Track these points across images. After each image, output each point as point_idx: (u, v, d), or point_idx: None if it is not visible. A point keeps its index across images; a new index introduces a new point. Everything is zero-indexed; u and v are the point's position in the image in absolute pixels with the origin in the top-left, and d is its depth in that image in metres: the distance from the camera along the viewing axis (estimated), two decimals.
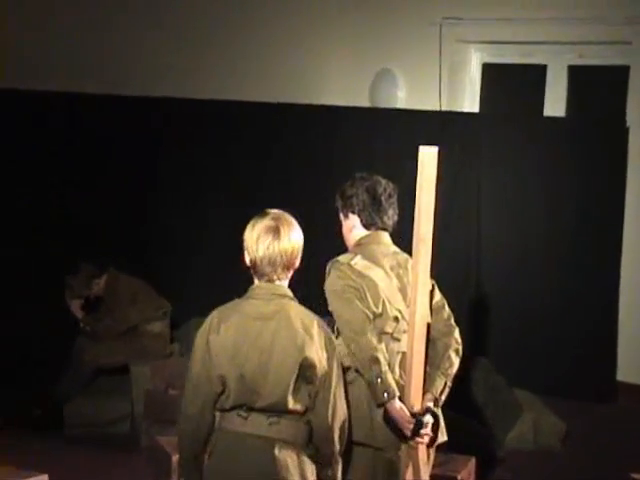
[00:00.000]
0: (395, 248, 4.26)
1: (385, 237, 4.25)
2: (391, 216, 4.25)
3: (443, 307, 4.25)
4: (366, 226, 4.26)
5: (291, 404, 3.58)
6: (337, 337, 4.11)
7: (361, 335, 3.99)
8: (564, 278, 8.10)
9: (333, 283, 4.11)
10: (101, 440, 6.73)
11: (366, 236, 4.25)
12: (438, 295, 4.27)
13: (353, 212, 4.26)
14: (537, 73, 8.96)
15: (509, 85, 9.33)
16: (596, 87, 8.85)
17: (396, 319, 4.10)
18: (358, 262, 4.13)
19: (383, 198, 4.22)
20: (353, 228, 4.28)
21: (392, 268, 4.18)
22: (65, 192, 8.60)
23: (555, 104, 8.87)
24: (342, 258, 4.18)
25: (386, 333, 4.10)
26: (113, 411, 6.92)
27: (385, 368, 3.99)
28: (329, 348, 3.65)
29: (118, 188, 8.73)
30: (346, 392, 4.06)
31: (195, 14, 9.17)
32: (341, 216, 4.33)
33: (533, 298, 8.14)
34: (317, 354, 3.61)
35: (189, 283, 8.29)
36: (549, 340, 8.10)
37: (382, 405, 4.00)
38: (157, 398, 6.58)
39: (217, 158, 8.72)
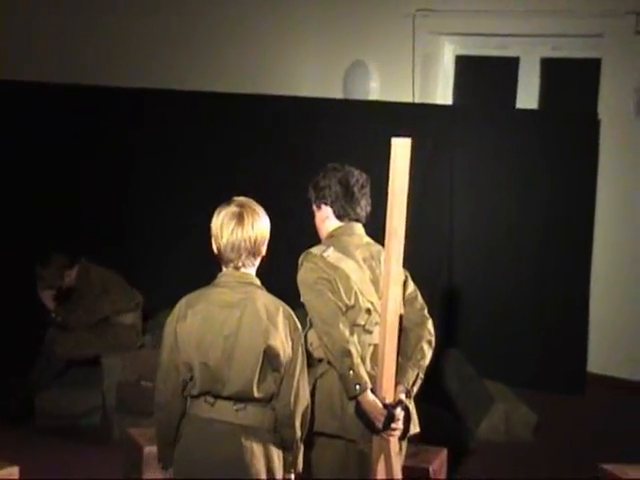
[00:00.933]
0: (368, 239, 4.26)
1: (358, 228, 4.25)
2: (364, 207, 4.24)
3: (416, 298, 4.25)
4: (339, 217, 4.25)
5: (256, 392, 3.61)
6: (309, 328, 4.11)
7: (333, 328, 3.99)
8: (535, 270, 8.13)
9: (305, 275, 4.11)
10: (73, 432, 6.70)
11: (339, 227, 4.24)
12: (411, 286, 4.27)
13: (326, 203, 4.26)
14: (510, 65, 8.98)
15: (482, 77, 9.35)
16: (568, 80, 8.89)
17: (368, 311, 4.10)
18: (330, 254, 4.13)
19: (356, 189, 4.21)
20: (326, 219, 4.28)
21: (365, 260, 4.18)
22: (37, 183, 8.55)
23: (528, 96, 8.90)
24: (314, 250, 4.17)
25: (358, 325, 4.10)
26: (85, 403, 6.89)
27: (357, 361, 3.99)
28: (294, 336, 3.69)
29: (91, 179, 8.69)
30: (316, 383, 4.09)
31: (171, 6, 9.13)
32: (314, 207, 4.33)
33: (504, 290, 8.18)
34: (281, 342, 3.64)
35: (161, 274, 8.27)
36: (520, 332, 8.14)
37: (354, 398, 4.00)
38: (129, 390, 6.56)
39: (191, 150, 8.70)
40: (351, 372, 3.97)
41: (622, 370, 8.04)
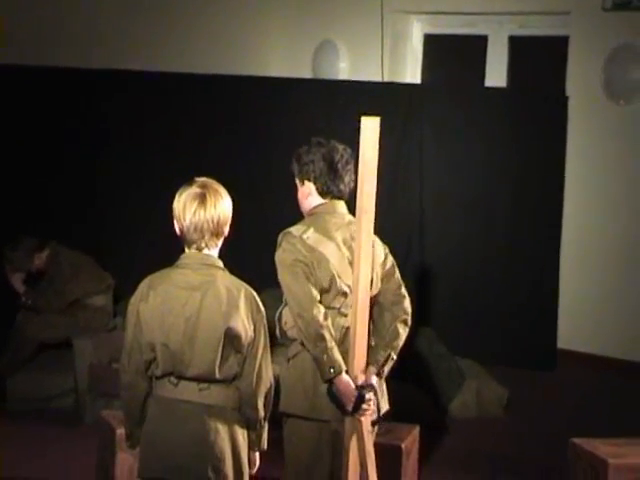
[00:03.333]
0: (351, 217, 4.18)
1: (340, 206, 4.18)
2: (347, 183, 4.18)
3: (393, 275, 4.21)
4: (322, 194, 4.18)
5: (218, 373, 3.63)
6: (285, 306, 4.10)
7: (307, 311, 3.97)
8: (505, 247, 8.18)
9: (283, 255, 4.07)
10: (45, 415, 6.68)
11: (321, 205, 4.18)
12: (390, 262, 4.23)
13: (309, 179, 4.18)
14: (478, 44, 9.00)
15: (450, 56, 9.36)
16: (536, 57, 8.92)
17: (345, 294, 4.08)
18: (310, 236, 4.08)
19: (340, 165, 4.14)
20: (309, 196, 4.20)
21: (345, 241, 4.12)
22: (4, 165, 8.49)
23: (496, 74, 8.92)
24: (294, 230, 4.12)
25: (333, 308, 4.08)
26: (56, 386, 6.88)
27: (331, 344, 3.98)
28: (256, 318, 3.69)
29: (60, 161, 8.63)
30: (289, 363, 4.10)
31: None
32: (296, 181, 4.25)
33: (474, 267, 8.22)
34: (243, 324, 3.65)
35: (132, 256, 8.24)
36: (491, 309, 8.19)
37: (329, 380, 4.00)
38: (100, 372, 6.55)
39: (160, 131, 8.66)
40: (325, 356, 3.96)
41: (591, 346, 8.11)
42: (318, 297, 4.03)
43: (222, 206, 3.69)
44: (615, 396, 7.50)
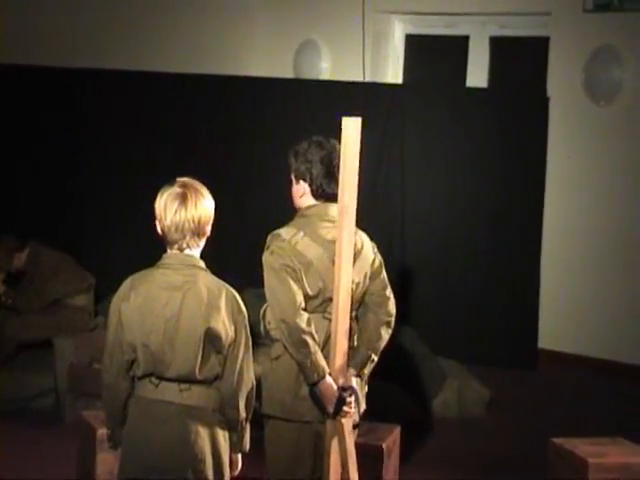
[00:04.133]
0: None
1: (332, 210, 4.11)
2: None
3: (379, 275, 4.20)
4: (316, 196, 4.16)
5: (199, 374, 3.63)
6: (268, 305, 4.09)
7: (290, 318, 3.95)
8: (486, 247, 8.20)
9: (271, 258, 4.03)
10: (25, 415, 6.65)
11: (314, 207, 4.14)
12: (377, 261, 4.22)
13: (304, 180, 4.14)
14: (459, 44, 9.02)
15: (432, 56, 9.38)
16: (517, 58, 8.95)
17: (331, 299, 4.06)
18: (299, 241, 4.04)
19: (337, 169, 4.05)
20: (303, 195, 4.17)
21: (333, 244, 4.10)
22: None
23: (477, 74, 8.94)
24: (284, 233, 4.08)
25: (318, 312, 4.07)
26: (37, 386, 6.84)
27: (314, 349, 3.96)
28: (237, 319, 3.68)
29: (41, 160, 8.61)
30: (272, 364, 4.09)
31: None
32: (292, 177, 4.20)
33: (456, 267, 8.24)
34: (223, 325, 3.64)
35: (113, 256, 8.22)
36: (472, 309, 8.21)
37: (314, 384, 3.99)
38: (81, 372, 6.53)
39: (142, 131, 8.64)
40: (308, 361, 3.96)
41: (572, 345, 8.14)
42: (302, 304, 4.01)
43: (203, 206, 3.69)
44: (596, 396, 7.53)
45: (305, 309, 4.02)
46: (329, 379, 3.99)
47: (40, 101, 8.54)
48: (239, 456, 3.82)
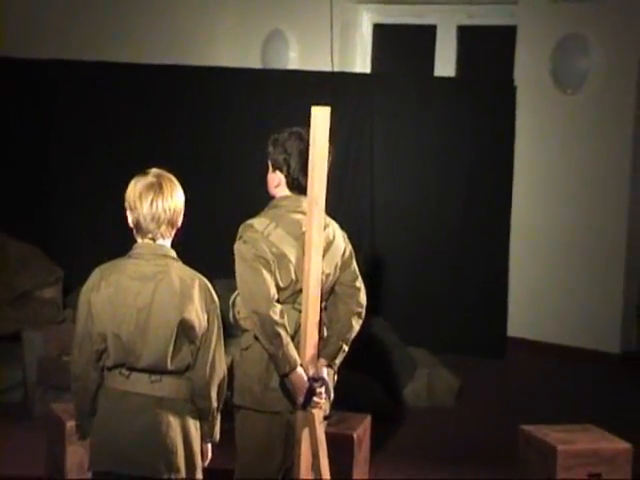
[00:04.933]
0: None
1: (305, 202, 4.07)
2: None
3: (350, 266, 4.19)
4: (290, 188, 4.15)
5: (170, 364, 3.62)
6: (238, 295, 4.07)
7: (264, 309, 3.94)
8: (455, 236, 8.23)
9: (244, 248, 4.01)
10: None
11: (287, 198, 4.12)
12: (348, 251, 4.21)
13: (281, 171, 4.12)
14: (427, 33, 9.04)
15: (400, 45, 9.39)
16: (485, 47, 8.98)
17: (301, 291, 4.06)
18: (272, 232, 4.02)
19: None
20: (278, 185, 4.15)
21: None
22: None
23: (445, 64, 8.96)
24: (257, 224, 4.06)
25: (288, 303, 4.06)
26: (5, 379, 6.80)
27: (287, 340, 3.96)
28: (210, 308, 3.68)
29: (7, 152, 8.54)
30: (242, 355, 4.09)
31: None
32: (269, 164, 4.17)
33: (425, 256, 8.27)
34: (197, 315, 3.64)
35: (81, 248, 8.18)
36: (441, 298, 8.24)
37: (285, 375, 3.99)
38: (50, 365, 6.49)
39: (110, 122, 8.60)
40: (281, 352, 3.95)
41: (541, 333, 8.19)
42: (276, 296, 4.00)
43: (177, 196, 3.69)
44: (564, 383, 7.58)
45: (278, 300, 4.02)
46: (300, 370, 3.99)
47: (6, 94, 8.47)
48: (209, 446, 3.82)
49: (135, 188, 3.66)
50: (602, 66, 7.99)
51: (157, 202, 3.63)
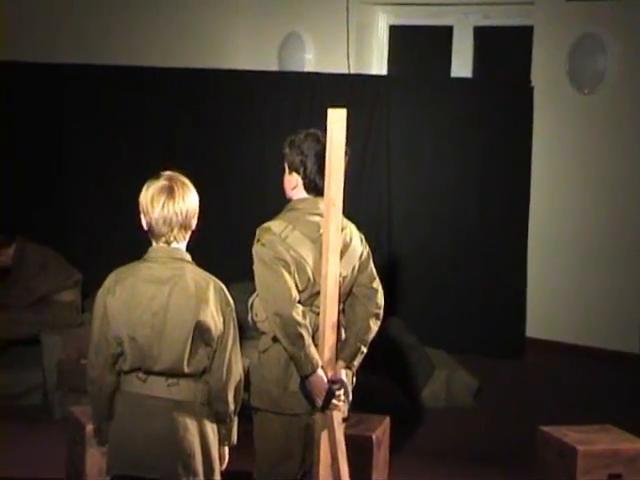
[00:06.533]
0: None
1: (322, 203, 4.07)
2: None
3: (367, 267, 4.19)
4: (307, 190, 4.14)
5: (187, 368, 3.62)
6: (256, 296, 4.08)
7: (286, 310, 3.94)
8: (473, 236, 8.21)
9: (263, 251, 4.01)
10: (13, 412, 6.63)
11: (305, 200, 4.12)
12: (366, 252, 4.21)
13: (298, 173, 4.12)
14: (443, 34, 9.03)
15: (416, 46, 9.38)
16: (501, 47, 8.96)
17: (318, 293, 4.06)
18: (289, 235, 4.03)
19: None
20: (295, 187, 4.15)
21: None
22: None
23: (462, 65, 8.95)
24: (274, 227, 4.06)
25: (306, 306, 4.06)
26: (25, 382, 6.82)
27: (309, 341, 3.96)
28: (225, 311, 3.68)
29: (26, 155, 8.57)
30: (260, 357, 4.09)
31: None
32: (285, 166, 4.17)
33: (442, 257, 8.25)
34: (212, 317, 3.64)
35: (100, 251, 8.20)
36: (460, 298, 8.22)
37: (307, 377, 3.99)
38: (69, 368, 6.51)
39: (127, 125, 8.62)
40: (303, 354, 3.95)
41: (560, 333, 8.16)
42: (297, 297, 4.01)
43: (190, 199, 3.68)
44: (583, 383, 7.56)
45: (299, 302, 4.02)
46: (321, 372, 3.99)
47: (22, 97, 8.50)
48: (227, 449, 3.82)
49: (147, 192, 3.67)
50: (618, 65, 7.97)
51: (169, 205, 3.63)
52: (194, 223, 3.73)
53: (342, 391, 4.03)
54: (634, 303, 7.95)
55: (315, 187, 4.12)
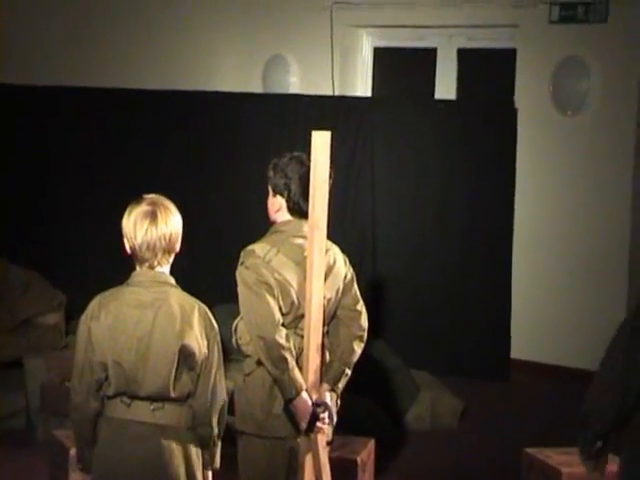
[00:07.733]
0: None
1: (306, 226, 4.09)
2: None
3: (350, 290, 4.19)
4: (291, 212, 4.15)
5: (172, 392, 3.61)
6: (240, 319, 4.07)
7: (270, 334, 3.94)
8: (457, 258, 8.22)
9: (246, 274, 4.01)
10: None
11: (288, 222, 4.13)
12: (350, 274, 4.21)
13: (282, 195, 4.13)
14: (427, 56, 9.06)
15: (400, 69, 9.42)
16: (485, 70, 9.00)
17: (302, 316, 4.06)
18: (273, 258, 4.03)
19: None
20: (279, 210, 4.16)
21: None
22: None
23: (446, 87, 8.98)
24: (258, 250, 4.06)
25: (290, 329, 4.06)
26: (8, 405, 6.78)
27: (292, 365, 3.95)
28: (210, 335, 3.67)
29: (8, 177, 8.55)
30: (244, 381, 4.07)
31: (85, 2, 8.98)
32: (269, 188, 4.17)
33: (427, 279, 8.25)
34: (197, 341, 3.63)
35: (84, 273, 8.18)
36: (444, 321, 8.22)
37: (291, 400, 3.98)
38: (53, 391, 6.47)
39: (111, 147, 8.61)
40: (286, 377, 3.94)
41: (544, 355, 8.16)
42: (281, 320, 4.00)
43: (173, 223, 3.67)
44: (568, 405, 7.53)
45: (283, 325, 4.01)
46: (305, 395, 3.98)
47: (5, 120, 8.49)
48: (210, 473, 3.80)
49: (130, 217, 3.65)
50: (602, 87, 8.01)
51: (152, 231, 3.61)
52: (178, 246, 3.71)
53: (326, 414, 4.02)
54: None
55: (299, 210, 4.12)
